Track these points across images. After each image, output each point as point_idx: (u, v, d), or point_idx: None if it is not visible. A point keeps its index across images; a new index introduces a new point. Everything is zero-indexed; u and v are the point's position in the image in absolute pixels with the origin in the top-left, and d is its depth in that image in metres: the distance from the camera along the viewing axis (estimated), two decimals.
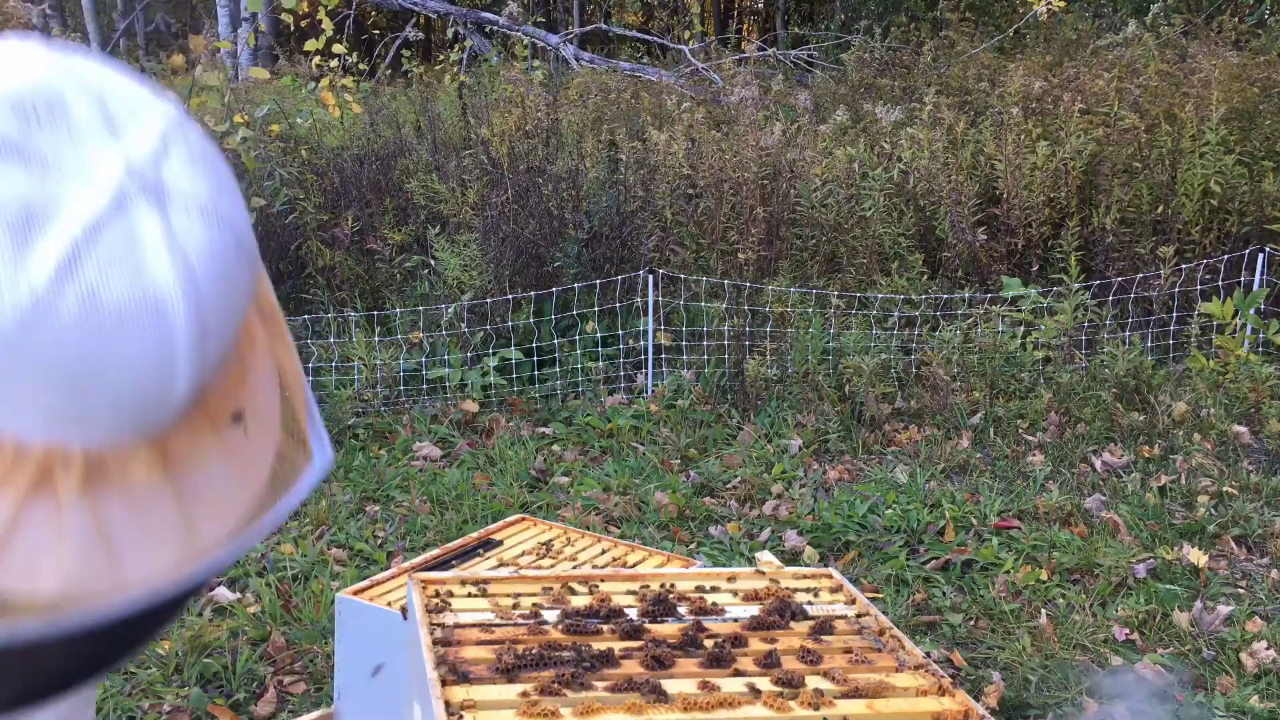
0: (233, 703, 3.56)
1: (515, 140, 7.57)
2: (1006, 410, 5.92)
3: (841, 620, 2.02)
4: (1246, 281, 6.68)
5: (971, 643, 3.99)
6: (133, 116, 0.64)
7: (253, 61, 10.35)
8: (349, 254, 7.30)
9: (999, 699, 3.60)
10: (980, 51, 10.00)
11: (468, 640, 1.85)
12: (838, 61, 11.11)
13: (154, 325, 0.61)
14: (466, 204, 7.30)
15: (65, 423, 0.62)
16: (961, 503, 4.97)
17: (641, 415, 5.99)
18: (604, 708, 1.64)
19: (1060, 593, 4.27)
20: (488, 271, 6.84)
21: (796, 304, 6.63)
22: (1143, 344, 6.38)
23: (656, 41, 12.73)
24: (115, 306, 0.60)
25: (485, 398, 6.23)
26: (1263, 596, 4.22)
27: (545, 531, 3.21)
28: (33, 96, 0.61)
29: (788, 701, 1.69)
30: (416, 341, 6.49)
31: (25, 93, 0.61)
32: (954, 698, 1.76)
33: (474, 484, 5.20)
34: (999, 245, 7.32)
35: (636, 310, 6.66)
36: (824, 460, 5.58)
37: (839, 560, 4.54)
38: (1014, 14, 12.02)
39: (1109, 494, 5.09)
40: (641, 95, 9.74)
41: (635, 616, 1.98)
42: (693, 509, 4.98)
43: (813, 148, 7.67)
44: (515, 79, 8.14)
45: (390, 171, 7.89)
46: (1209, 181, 7.17)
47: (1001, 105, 7.96)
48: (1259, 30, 10.63)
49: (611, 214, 7.10)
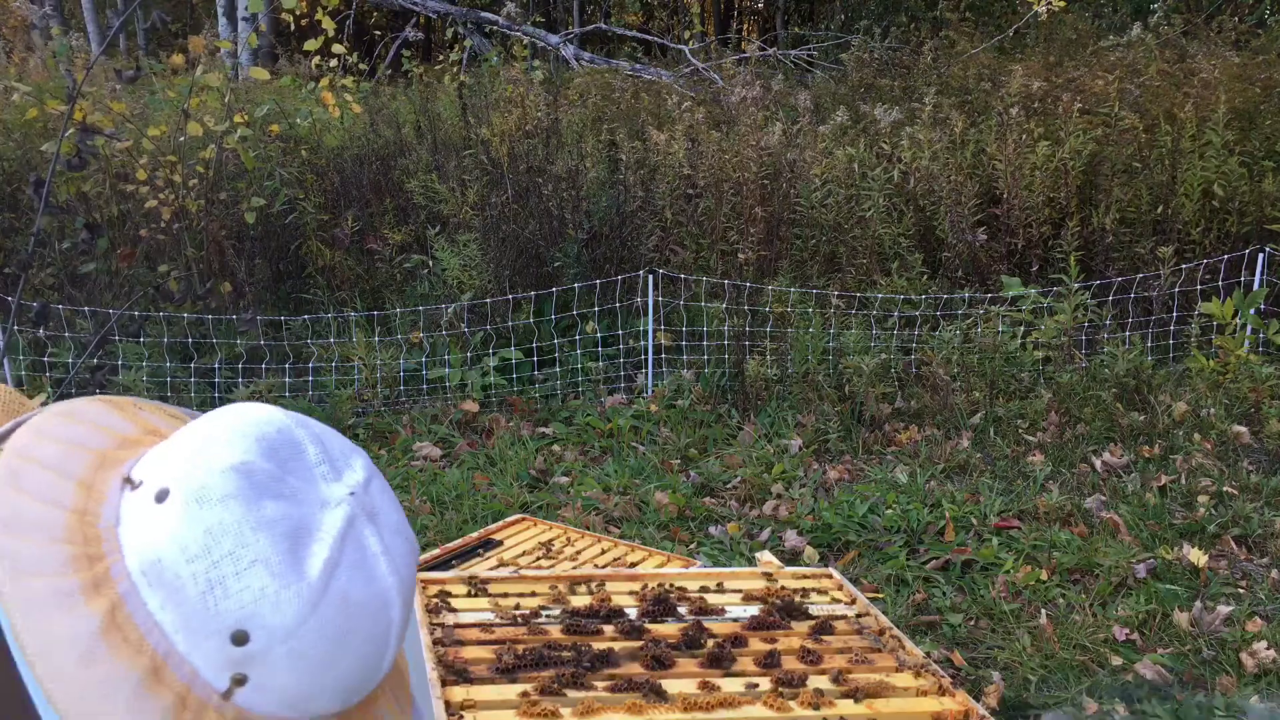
0: None
1: (515, 140, 7.57)
2: (1006, 410, 5.92)
3: (841, 620, 2.02)
4: (1246, 281, 6.68)
5: (971, 643, 3.99)
6: (344, 457, 0.83)
7: (253, 61, 10.35)
8: (349, 254, 7.30)
9: (999, 699, 3.60)
10: (980, 51, 10.00)
11: (468, 640, 1.85)
12: (838, 61, 11.10)
13: (381, 618, 0.79)
14: (466, 204, 7.30)
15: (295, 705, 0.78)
16: (961, 503, 4.97)
17: (641, 415, 5.99)
18: (604, 708, 1.64)
19: (1060, 593, 4.27)
20: (488, 271, 6.84)
21: (796, 304, 6.63)
22: (1143, 344, 6.38)
23: (656, 41, 12.73)
24: (359, 603, 0.78)
25: (485, 398, 6.23)
26: (1263, 596, 4.22)
27: (545, 531, 3.21)
28: (280, 443, 0.80)
29: (788, 701, 1.69)
30: (416, 341, 6.49)
31: (276, 440, 0.80)
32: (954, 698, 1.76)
33: (474, 484, 5.20)
34: (999, 245, 7.32)
35: (636, 310, 6.66)
36: (824, 460, 5.58)
37: (839, 560, 4.54)
38: (1014, 14, 12.01)
39: (1109, 494, 5.09)
40: (641, 95, 9.74)
41: (635, 616, 1.98)
42: (693, 509, 4.98)
43: (813, 148, 7.67)
44: (515, 79, 8.14)
45: (390, 171, 7.88)
46: (1211, 183, 7.17)
47: (1002, 105, 7.96)
48: (1259, 30, 10.63)
49: (611, 214, 7.10)
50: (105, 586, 0.75)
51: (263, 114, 7.75)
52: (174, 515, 0.76)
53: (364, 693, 0.82)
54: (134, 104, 7.87)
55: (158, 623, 0.75)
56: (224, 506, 0.76)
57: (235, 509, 0.76)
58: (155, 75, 9.36)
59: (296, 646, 0.75)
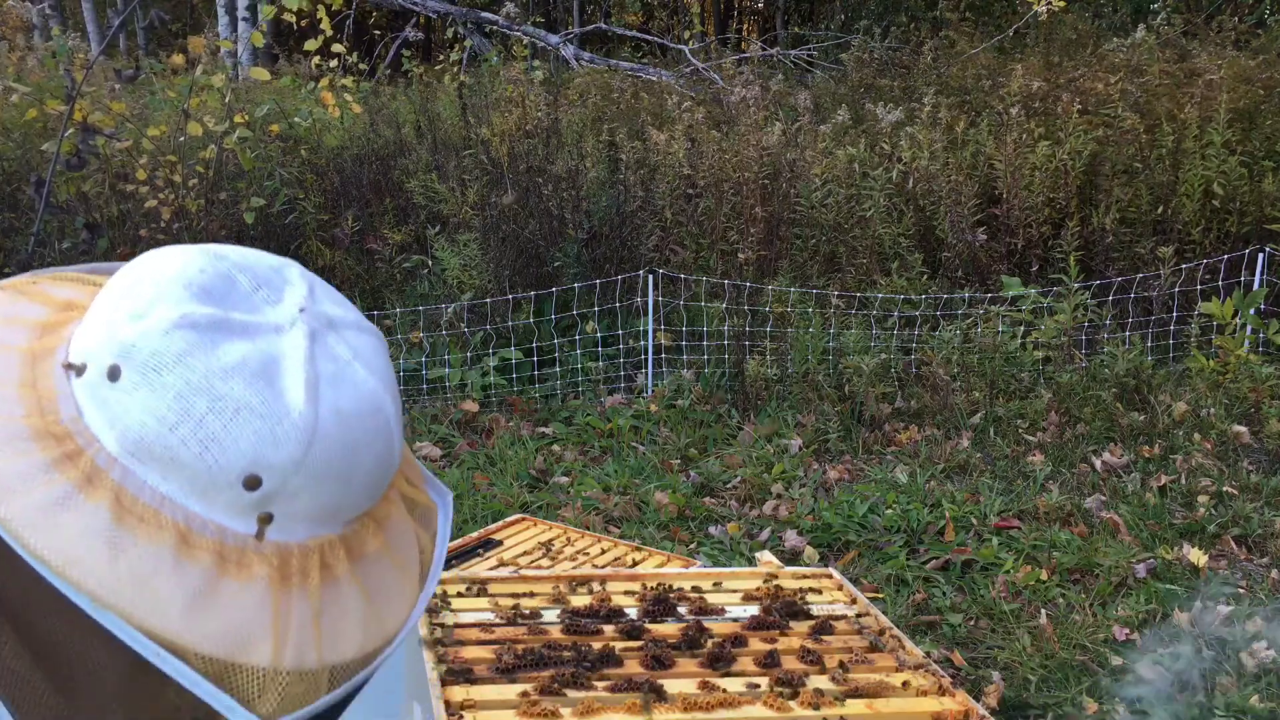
0: None
1: (515, 140, 7.57)
2: (1006, 410, 5.92)
3: (841, 620, 2.02)
4: (1246, 281, 6.68)
5: (971, 643, 3.99)
6: (277, 275, 0.81)
7: (253, 61, 10.35)
8: (349, 254, 7.30)
9: (999, 699, 3.60)
10: (980, 51, 10.00)
11: (468, 640, 1.85)
12: (838, 61, 11.10)
13: (379, 419, 0.79)
14: (466, 204, 7.29)
15: (326, 519, 0.79)
16: (961, 503, 4.97)
17: (641, 415, 5.99)
18: (604, 708, 1.64)
19: (1060, 593, 4.27)
20: (488, 271, 6.84)
21: (796, 304, 6.63)
22: (1143, 344, 6.38)
23: (656, 41, 12.73)
24: (353, 413, 0.77)
25: (485, 398, 6.23)
26: (1263, 596, 4.21)
27: (545, 531, 3.21)
28: (210, 283, 0.77)
29: (788, 701, 1.69)
30: (416, 341, 6.49)
31: (204, 281, 0.77)
32: (954, 698, 1.75)
33: (474, 484, 5.20)
34: (999, 245, 7.32)
35: (636, 310, 6.66)
36: (824, 460, 5.58)
37: (839, 560, 4.54)
38: (1014, 14, 12.01)
39: (1109, 494, 5.09)
40: (641, 95, 9.74)
41: (635, 616, 1.98)
42: (693, 509, 4.98)
43: (813, 148, 7.67)
44: (515, 79, 8.14)
45: (390, 171, 7.88)
46: (1211, 183, 7.17)
47: (1002, 105, 7.96)
48: (1259, 30, 10.63)
49: (611, 214, 7.10)
50: (98, 478, 0.74)
51: (263, 114, 7.75)
52: (136, 390, 0.74)
53: (386, 484, 0.82)
54: (134, 104, 7.88)
55: (166, 496, 0.74)
56: (183, 366, 0.74)
57: (195, 365, 0.74)
58: (155, 75, 9.36)
59: (309, 473, 0.75)
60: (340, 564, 0.79)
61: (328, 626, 0.78)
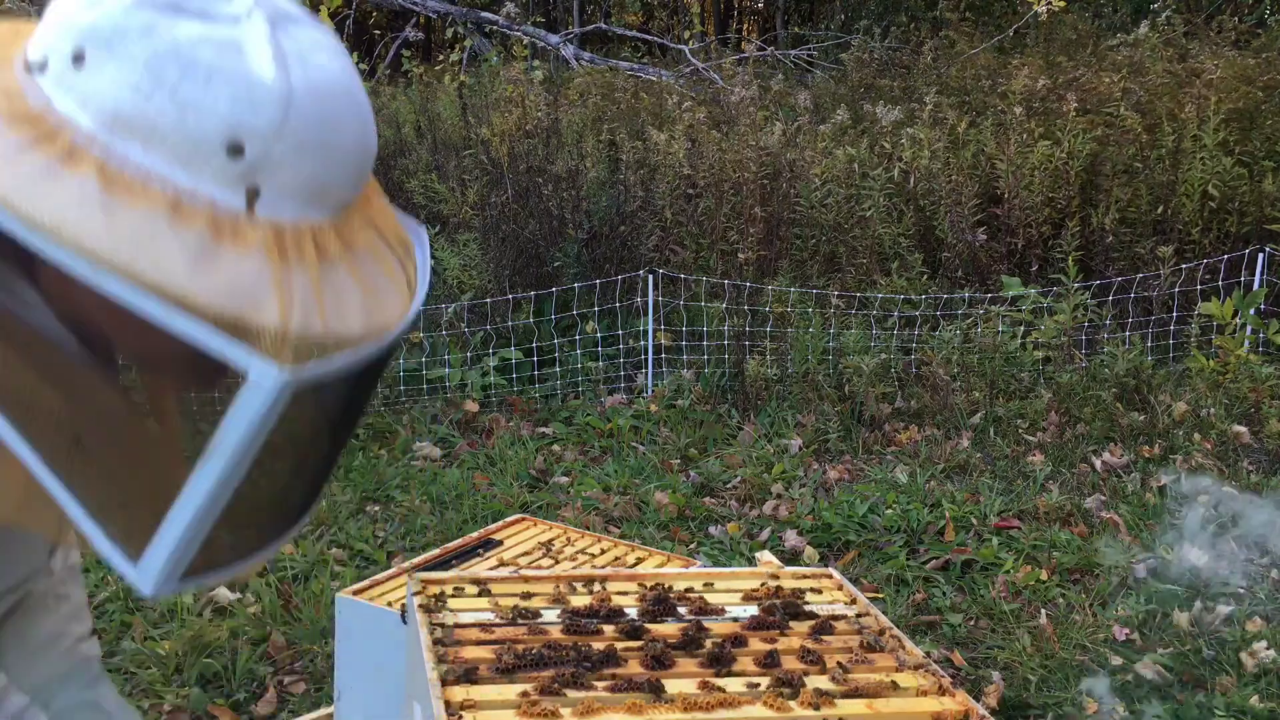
0: (233, 703, 3.56)
1: (515, 140, 7.57)
2: (1006, 410, 5.92)
3: (841, 620, 2.01)
4: (1246, 281, 6.68)
5: (971, 643, 3.99)
6: None
7: None
8: None
9: (999, 699, 3.60)
10: (980, 51, 10.00)
11: (468, 640, 1.85)
12: (838, 61, 11.10)
13: (352, 99, 0.79)
14: (466, 204, 7.29)
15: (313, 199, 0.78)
16: (961, 503, 4.97)
17: (641, 415, 5.99)
18: (604, 708, 1.64)
19: (1060, 593, 4.26)
20: (488, 271, 6.84)
21: (796, 304, 6.63)
22: (1143, 344, 6.38)
23: (656, 41, 12.73)
24: (325, 85, 0.77)
25: (485, 398, 6.23)
26: (1263, 596, 4.21)
27: (545, 531, 3.21)
28: None
29: (788, 701, 1.69)
30: (416, 341, 6.49)
31: None
32: (954, 698, 1.75)
33: (474, 484, 5.20)
34: (999, 245, 7.32)
35: (636, 310, 6.66)
36: (824, 460, 5.58)
37: (839, 560, 4.54)
38: (1014, 14, 12.01)
39: (1109, 494, 5.09)
40: (641, 95, 9.74)
41: (635, 616, 1.98)
42: (693, 509, 4.98)
43: (813, 148, 7.67)
44: (515, 79, 8.14)
45: (390, 171, 7.88)
46: (1208, 184, 7.16)
47: (1003, 105, 7.96)
48: (1259, 30, 10.63)
49: (611, 214, 7.10)
50: (78, 154, 0.73)
51: None
52: (104, 66, 0.73)
53: (368, 169, 0.83)
54: None
55: (149, 168, 0.73)
56: (148, 36, 0.73)
57: (160, 35, 0.73)
58: None
59: (290, 141, 0.74)
60: (333, 248, 0.79)
61: (330, 300, 0.78)
